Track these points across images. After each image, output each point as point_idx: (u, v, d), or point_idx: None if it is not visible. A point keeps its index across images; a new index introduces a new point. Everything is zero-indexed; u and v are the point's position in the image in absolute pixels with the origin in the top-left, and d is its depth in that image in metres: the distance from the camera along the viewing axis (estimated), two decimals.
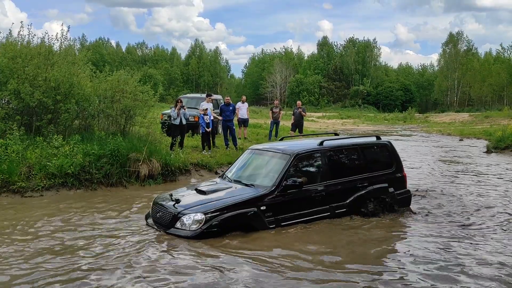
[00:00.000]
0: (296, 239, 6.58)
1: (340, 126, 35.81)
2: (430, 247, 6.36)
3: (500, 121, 32.80)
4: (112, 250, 6.12)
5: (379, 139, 8.56)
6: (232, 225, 6.62)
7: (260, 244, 6.34)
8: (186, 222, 6.50)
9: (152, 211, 7.31)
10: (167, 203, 7.04)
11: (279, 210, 6.89)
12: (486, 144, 19.69)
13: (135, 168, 10.55)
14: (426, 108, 74.34)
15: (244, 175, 7.78)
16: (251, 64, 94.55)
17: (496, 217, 8.13)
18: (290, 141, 9.20)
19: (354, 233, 6.94)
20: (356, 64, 79.95)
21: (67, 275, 5.27)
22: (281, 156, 7.46)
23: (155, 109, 14.92)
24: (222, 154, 13.55)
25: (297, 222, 7.01)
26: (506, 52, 66.84)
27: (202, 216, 6.47)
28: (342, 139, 8.56)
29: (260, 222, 6.75)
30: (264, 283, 5.11)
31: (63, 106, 11.10)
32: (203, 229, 6.41)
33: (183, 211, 6.64)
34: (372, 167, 8.00)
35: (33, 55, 11.23)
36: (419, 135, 28.56)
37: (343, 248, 6.35)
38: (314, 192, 7.28)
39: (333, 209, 7.38)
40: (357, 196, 7.60)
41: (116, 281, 5.11)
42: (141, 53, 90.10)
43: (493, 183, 11.45)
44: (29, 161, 9.63)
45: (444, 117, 45.68)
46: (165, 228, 6.70)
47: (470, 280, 5.28)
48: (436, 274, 5.41)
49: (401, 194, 8.18)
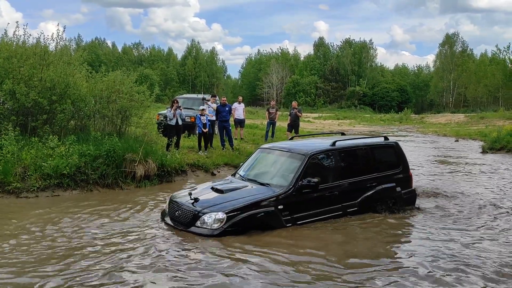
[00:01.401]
0: (316, 237, 6.77)
1: (336, 127, 35.83)
2: (438, 245, 6.54)
3: (495, 122, 32.97)
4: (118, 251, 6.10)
5: (387, 139, 8.78)
6: (252, 224, 6.78)
7: (279, 242, 6.47)
8: (207, 221, 6.64)
9: (169, 210, 7.40)
10: (186, 201, 7.12)
11: (295, 209, 7.09)
12: (482, 145, 19.79)
13: (131, 168, 10.52)
14: (422, 109, 74.52)
15: (258, 174, 7.95)
16: (247, 65, 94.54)
17: (496, 212, 8.44)
18: (300, 141, 9.33)
19: (366, 231, 7.15)
20: (352, 65, 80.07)
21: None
22: (296, 156, 7.62)
23: (151, 110, 14.89)
24: (219, 154, 13.53)
25: (312, 221, 7.20)
26: (501, 53, 67.06)
27: (224, 215, 6.63)
28: (353, 140, 8.72)
29: (278, 220, 6.93)
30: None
31: (59, 107, 11.05)
32: (225, 227, 6.57)
33: (203, 210, 6.78)
34: (381, 167, 8.23)
35: (28, 55, 11.17)
36: (415, 135, 28.64)
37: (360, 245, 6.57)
38: (327, 191, 7.46)
39: (345, 208, 7.60)
40: (367, 196, 7.82)
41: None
42: (137, 53, 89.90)
43: (492, 181, 11.61)
44: (25, 161, 9.58)
45: (440, 118, 45.84)
46: (185, 227, 6.84)
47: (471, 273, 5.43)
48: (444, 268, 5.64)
49: (407, 194, 8.46)
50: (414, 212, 8.35)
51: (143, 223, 7.52)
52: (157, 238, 6.72)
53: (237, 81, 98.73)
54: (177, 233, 6.83)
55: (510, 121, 31.24)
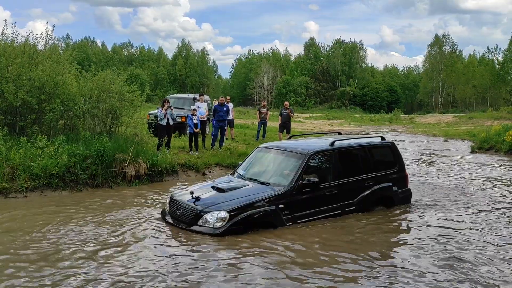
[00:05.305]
0: (316, 235, 6.85)
1: (326, 127, 35.92)
2: (436, 239, 6.80)
3: (484, 122, 33.33)
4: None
5: (384, 139, 8.91)
6: (253, 223, 6.85)
7: (281, 241, 6.51)
8: (209, 219, 6.68)
9: (170, 208, 7.42)
10: (187, 200, 7.14)
11: (295, 208, 7.18)
12: (471, 145, 19.98)
13: (122, 168, 10.44)
14: (412, 109, 75.06)
15: (258, 173, 8.00)
16: (238, 65, 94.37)
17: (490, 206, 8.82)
18: (299, 141, 9.38)
19: (365, 228, 7.30)
20: (342, 65, 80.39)
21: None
22: (296, 155, 7.69)
23: (141, 110, 14.79)
24: (210, 154, 13.49)
25: (311, 220, 7.29)
26: (490, 54, 67.78)
27: (226, 214, 6.68)
28: (351, 139, 8.86)
29: (279, 219, 7.01)
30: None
31: (48, 106, 10.93)
32: (227, 226, 6.63)
33: (205, 208, 6.82)
34: (378, 167, 8.37)
35: (17, 54, 11.06)
36: (405, 135, 28.81)
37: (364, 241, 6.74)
38: (326, 190, 7.54)
39: (344, 207, 7.72)
40: (364, 195, 7.95)
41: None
42: (127, 53, 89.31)
43: (482, 180, 11.70)
44: (13, 161, 9.45)
45: (429, 118, 46.14)
46: (187, 226, 6.87)
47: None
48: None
49: (403, 193, 8.66)
50: (409, 209, 8.54)
51: (137, 222, 7.47)
52: (157, 237, 6.69)
53: (228, 81, 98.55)
54: (179, 232, 6.84)
55: (498, 121, 31.59)
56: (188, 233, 6.74)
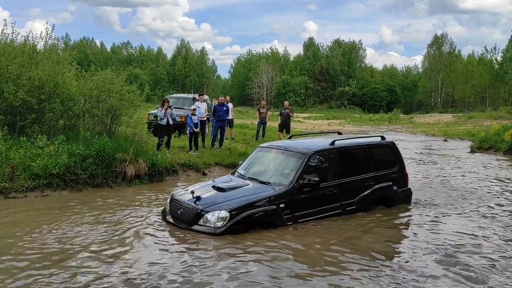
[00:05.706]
0: (317, 234, 6.86)
1: (326, 127, 35.93)
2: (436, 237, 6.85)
3: (483, 122, 33.36)
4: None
5: (384, 139, 8.91)
6: (254, 222, 6.84)
7: (281, 240, 6.53)
8: (210, 219, 6.68)
9: (171, 208, 7.41)
10: (188, 200, 7.13)
11: (296, 207, 7.18)
12: (470, 144, 20.01)
13: (122, 168, 10.44)
14: (411, 109, 75.07)
15: (259, 172, 7.99)
16: (237, 65, 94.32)
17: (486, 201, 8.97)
18: (300, 140, 9.39)
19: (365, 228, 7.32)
20: (341, 65, 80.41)
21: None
22: (296, 155, 7.68)
23: (141, 109, 14.78)
24: (209, 154, 13.49)
25: (312, 219, 7.29)
26: (489, 54, 67.78)
27: (227, 214, 6.67)
28: (351, 139, 8.87)
29: (280, 219, 7.01)
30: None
31: (48, 106, 10.92)
32: (228, 226, 6.62)
33: (206, 208, 6.82)
34: (378, 166, 8.36)
35: (16, 53, 11.05)
36: (404, 135, 28.83)
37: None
38: (327, 190, 7.54)
39: (344, 206, 7.73)
40: (365, 194, 7.96)
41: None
42: (126, 53, 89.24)
43: (481, 179, 11.74)
44: (13, 161, 9.44)
45: (428, 118, 46.16)
46: (188, 225, 6.87)
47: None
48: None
49: (403, 192, 8.67)
50: (410, 209, 8.57)
51: (138, 222, 7.46)
52: (158, 237, 6.69)
53: (227, 81, 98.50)
54: (180, 232, 6.84)
55: (498, 121, 31.60)
56: (189, 233, 6.75)
